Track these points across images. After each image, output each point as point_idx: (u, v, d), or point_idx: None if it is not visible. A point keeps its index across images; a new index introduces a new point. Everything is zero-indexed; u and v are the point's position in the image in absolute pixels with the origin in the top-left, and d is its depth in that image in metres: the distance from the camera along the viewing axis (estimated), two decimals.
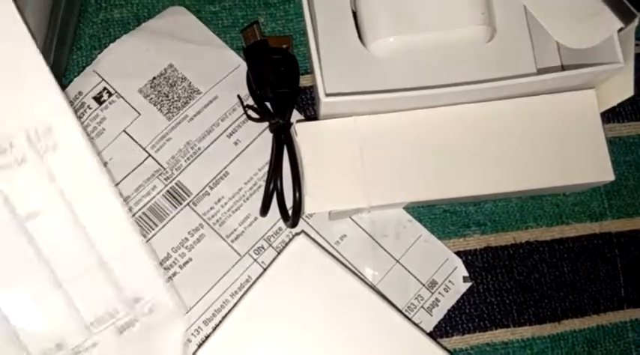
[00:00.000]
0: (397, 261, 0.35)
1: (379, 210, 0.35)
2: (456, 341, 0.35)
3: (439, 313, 0.35)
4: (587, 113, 0.34)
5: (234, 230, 0.35)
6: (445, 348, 0.33)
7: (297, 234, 0.33)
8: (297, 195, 0.32)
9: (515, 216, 0.37)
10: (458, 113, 0.33)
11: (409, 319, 0.33)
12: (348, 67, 0.34)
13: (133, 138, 0.35)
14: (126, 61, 0.35)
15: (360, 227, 0.36)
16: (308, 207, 0.32)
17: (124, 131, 0.35)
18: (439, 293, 0.35)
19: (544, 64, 0.35)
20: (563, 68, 0.36)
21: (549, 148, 0.33)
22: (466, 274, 0.35)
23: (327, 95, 0.31)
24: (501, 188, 0.33)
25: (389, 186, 0.33)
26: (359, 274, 0.34)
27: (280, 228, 0.35)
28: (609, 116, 0.38)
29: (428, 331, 0.34)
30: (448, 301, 0.35)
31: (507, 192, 0.34)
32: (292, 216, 0.33)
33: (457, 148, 0.33)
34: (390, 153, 0.33)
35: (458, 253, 0.35)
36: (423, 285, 0.35)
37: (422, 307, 0.35)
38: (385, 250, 0.35)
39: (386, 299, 0.33)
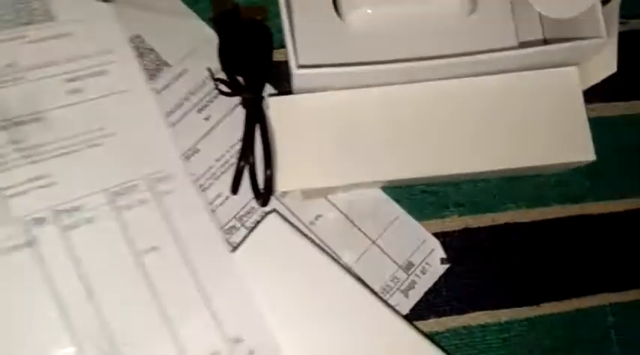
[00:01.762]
0: (373, 242, 0.34)
1: (355, 189, 0.34)
2: (432, 324, 0.34)
3: (415, 295, 0.34)
4: (569, 91, 0.33)
5: None
6: (421, 331, 0.32)
7: (269, 212, 0.32)
8: (269, 172, 0.31)
9: (495, 197, 0.36)
10: (435, 89, 0.32)
11: (384, 301, 0.32)
12: (323, 39, 0.32)
13: None
14: None
15: (336, 207, 0.34)
16: (280, 184, 0.31)
17: None
18: (416, 275, 0.34)
19: (526, 39, 0.34)
20: (545, 43, 0.35)
21: (529, 126, 0.32)
22: (444, 256, 0.34)
23: (300, 67, 0.29)
24: (479, 167, 0.32)
25: (364, 164, 0.31)
26: (334, 255, 0.33)
27: (253, 208, 0.33)
28: (593, 95, 0.37)
29: (404, 313, 0.33)
30: (425, 283, 0.34)
31: (485, 172, 0.33)
32: (264, 195, 0.31)
33: (434, 126, 0.32)
34: (365, 129, 0.32)
35: (436, 234, 0.34)
36: (400, 267, 0.34)
37: (398, 289, 0.34)
38: (361, 231, 0.34)
39: (361, 281, 0.32)
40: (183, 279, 0.31)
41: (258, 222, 0.32)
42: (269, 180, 0.31)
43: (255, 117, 0.32)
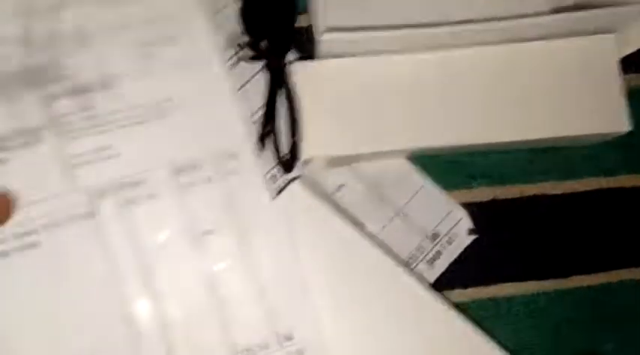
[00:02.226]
0: (398, 212, 0.34)
1: (380, 158, 0.34)
2: (458, 295, 0.33)
3: (441, 265, 0.33)
4: (604, 59, 0.32)
5: None
6: (446, 300, 0.31)
7: (293, 179, 0.32)
8: (294, 138, 0.31)
9: (524, 168, 0.35)
10: (465, 56, 0.31)
11: (410, 270, 0.32)
12: (349, 2, 0.32)
13: None
14: None
15: (360, 176, 0.34)
16: (305, 151, 0.31)
17: None
18: (441, 245, 0.34)
19: (558, 5, 0.33)
20: (577, 9, 0.34)
21: (562, 96, 0.31)
22: (471, 226, 0.34)
23: (326, 31, 0.29)
24: (508, 136, 0.31)
25: (391, 132, 0.31)
26: (357, 224, 0.33)
27: (275, 175, 0.33)
28: (629, 65, 0.35)
29: (429, 283, 0.33)
30: (451, 253, 0.33)
31: (515, 142, 0.32)
32: (288, 161, 0.31)
33: (463, 93, 0.31)
34: (392, 96, 0.31)
35: (463, 205, 0.34)
36: (425, 237, 0.34)
37: (423, 259, 0.33)
38: (386, 200, 0.34)
39: (385, 250, 0.31)
40: (240, 265, 0.30)
41: (281, 189, 0.32)
42: (294, 147, 0.31)
43: (279, 83, 0.31)
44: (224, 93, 0.31)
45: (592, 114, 0.32)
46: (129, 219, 0.29)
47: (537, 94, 0.31)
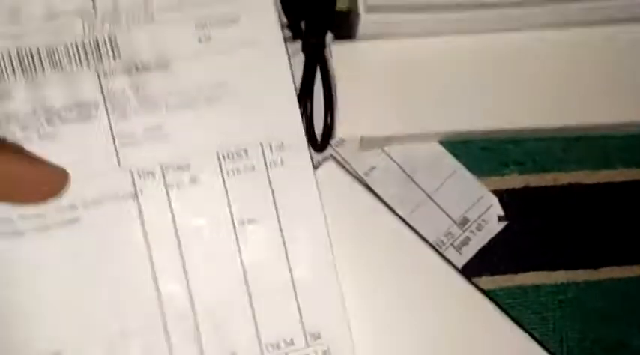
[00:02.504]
0: (428, 196, 0.33)
1: (413, 142, 0.33)
2: (485, 282, 0.33)
3: (469, 252, 0.33)
4: None
5: None
6: (477, 286, 0.31)
7: (326, 158, 0.32)
8: (329, 118, 0.31)
9: (558, 156, 0.34)
10: (504, 41, 0.31)
11: (441, 254, 0.31)
12: None
13: None
14: None
15: (392, 159, 0.34)
16: (340, 130, 0.30)
17: None
18: (471, 231, 0.33)
19: None
20: None
21: (601, 80, 0.31)
22: (501, 213, 0.33)
23: (366, 11, 0.29)
24: (544, 122, 0.31)
25: (426, 114, 0.31)
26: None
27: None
28: None
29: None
30: (480, 240, 0.33)
31: (550, 129, 0.32)
32: (321, 141, 0.31)
33: (500, 78, 0.31)
34: (429, 79, 0.31)
35: (494, 192, 0.33)
36: (454, 222, 0.33)
37: (451, 245, 0.33)
38: (416, 184, 0.34)
39: (416, 233, 0.31)
40: (277, 257, 0.29)
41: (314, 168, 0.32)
42: (328, 127, 0.31)
43: (316, 63, 0.31)
44: (283, 80, 0.30)
45: (629, 103, 0.31)
46: (171, 202, 0.29)
47: (575, 80, 0.31)
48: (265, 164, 0.30)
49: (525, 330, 0.31)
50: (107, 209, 0.29)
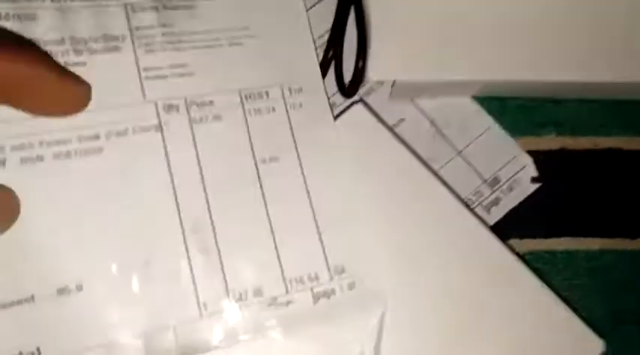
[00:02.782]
0: (458, 153, 0.32)
1: (446, 94, 0.32)
2: (513, 244, 0.31)
3: (498, 213, 0.32)
4: None
5: None
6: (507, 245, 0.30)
7: (356, 101, 0.31)
8: (361, 62, 0.29)
9: (600, 119, 0.32)
10: None
11: (472, 210, 0.30)
12: None
13: None
14: None
15: (423, 111, 0.32)
16: (372, 73, 0.29)
17: None
18: (501, 191, 0.32)
19: None
20: None
21: None
22: (535, 174, 0.32)
23: None
24: (591, 76, 0.29)
25: (464, 61, 0.29)
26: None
27: (335, 103, 0.32)
28: None
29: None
30: (510, 201, 0.32)
31: (595, 87, 0.30)
32: (350, 85, 0.30)
33: (546, 27, 0.29)
34: (468, 24, 0.29)
35: (529, 153, 0.32)
36: (485, 181, 0.32)
37: (480, 204, 0.32)
38: (446, 139, 0.32)
39: (445, 184, 0.30)
40: (299, 193, 0.29)
41: (341, 112, 0.30)
42: (359, 71, 0.29)
43: (351, 4, 0.30)
44: (302, 25, 0.31)
45: None
46: (194, 136, 0.29)
47: (628, 34, 0.29)
48: (285, 106, 0.30)
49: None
50: (131, 140, 0.28)
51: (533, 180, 0.32)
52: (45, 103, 0.26)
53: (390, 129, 0.31)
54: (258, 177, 0.29)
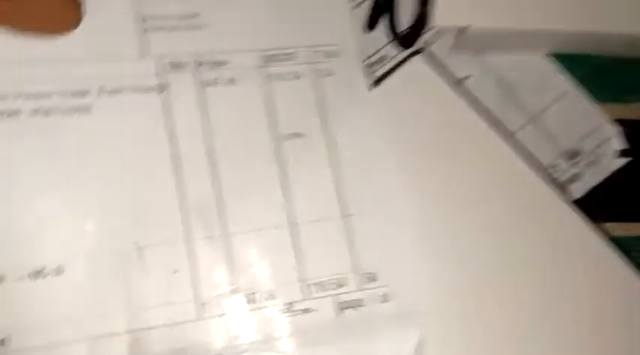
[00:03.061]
0: (531, 119, 0.27)
1: (518, 49, 0.27)
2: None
3: (578, 190, 0.27)
4: None
5: None
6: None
7: (414, 53, 0.26)
8: (424, 4, 0.25)
9: None
10: None
11: (552, 181, 0.25)
12: None
13: None
14: None
15: (491, 69, 0.28)
16: (438, 17, 0.25)
17: None
18: (582, 166, 0.27)
19: None
20: None
21: None
22: (623, 147, 0.27)
23: None
24: None
25: (543, 7, 0.25)
26: None
27: (384, 56, 0.27)
28: None
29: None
30: (592, 177, 0.27)
31: None
32: (409, 32, 0.25)
33: None
34: None
35: (615, 121, 0.28)
36: (562, 154, 0.27)
37: (556, 179, 0.27)
38: (518, 102, 0.27)
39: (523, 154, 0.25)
40: (323, 181, 0.25)
41: (397, 64, 0.26)
42: (422, 15, 0.25)
43: None
44: None
45: None
46: (202, 101, 0.25)
47: None
48: (315, 72, 0.26)
49: None
50: (126, 100, 0.24)
51: (621, 154, 0.27)
52: (31, 12, 0.22)
53: (456, 86, 0.26)
54: (278, 155, 0.25)
